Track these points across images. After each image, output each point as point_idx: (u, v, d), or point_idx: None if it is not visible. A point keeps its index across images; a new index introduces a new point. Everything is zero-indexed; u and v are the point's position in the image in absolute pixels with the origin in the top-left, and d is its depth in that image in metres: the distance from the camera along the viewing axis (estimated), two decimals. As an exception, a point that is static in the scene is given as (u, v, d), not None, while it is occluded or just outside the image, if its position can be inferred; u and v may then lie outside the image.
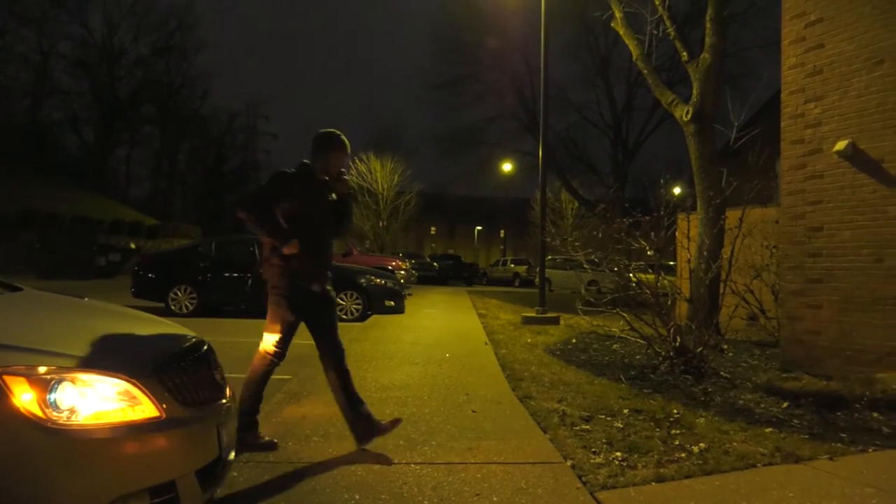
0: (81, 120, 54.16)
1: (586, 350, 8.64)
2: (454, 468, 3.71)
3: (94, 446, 2.18)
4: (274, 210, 3.87)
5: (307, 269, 3.91)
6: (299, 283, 3.90)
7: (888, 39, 6.54)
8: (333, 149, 4.05)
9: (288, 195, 3.88)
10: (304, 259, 3.86)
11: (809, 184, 7.30)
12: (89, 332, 2.60)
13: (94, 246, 26.51)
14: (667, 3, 10.99)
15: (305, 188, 3.93)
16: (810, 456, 4.15)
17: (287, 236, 3.83)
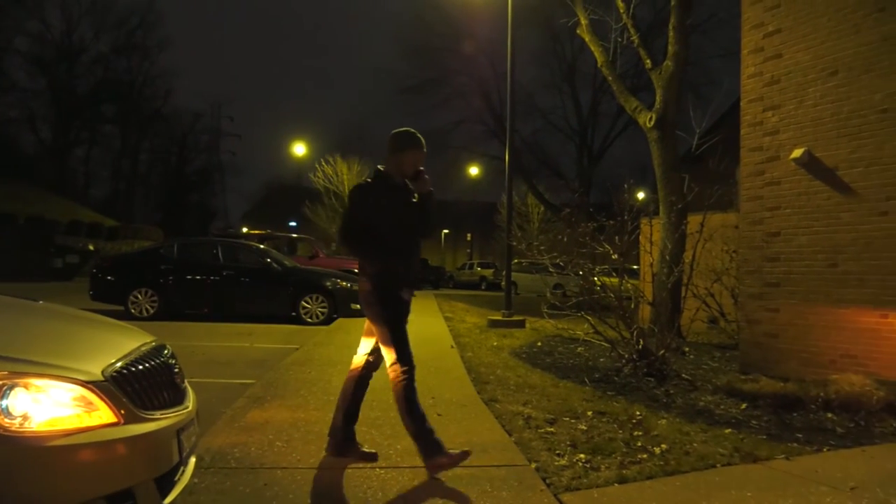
0: (38, 118, 52.79)
1: (551, 353, 8.70)
2: (419, 472, 3.71)
3: (48, 454, 2.12)
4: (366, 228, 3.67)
5: (402, 277, 3.77)
6: (395, 292, 3.74)
7: (842, 51, 6.75)
8: (407, 148, 3.84)
9: (372, 207, 3.67)
10: (400, 267, 3.74)
11: (767, 190, 7.48)
12: (44, 335, 2.52)
13: (51, 247, 25.80)
14: (631, 12, 11.18)
15: (386, 195, 3.73)
16: (767, 456, 4.25)
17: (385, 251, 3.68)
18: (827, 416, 5.42)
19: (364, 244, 3.70)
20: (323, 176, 35.47)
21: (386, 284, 3.70)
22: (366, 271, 3.74)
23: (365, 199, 3.71)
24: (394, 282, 3.71)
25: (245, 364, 7.50)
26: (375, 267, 3.70)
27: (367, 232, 3.66)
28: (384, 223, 3.67)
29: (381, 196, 3.71)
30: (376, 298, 3.71)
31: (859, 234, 6.53)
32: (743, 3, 7.90)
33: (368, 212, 3.67)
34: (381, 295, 3.70)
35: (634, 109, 11.34)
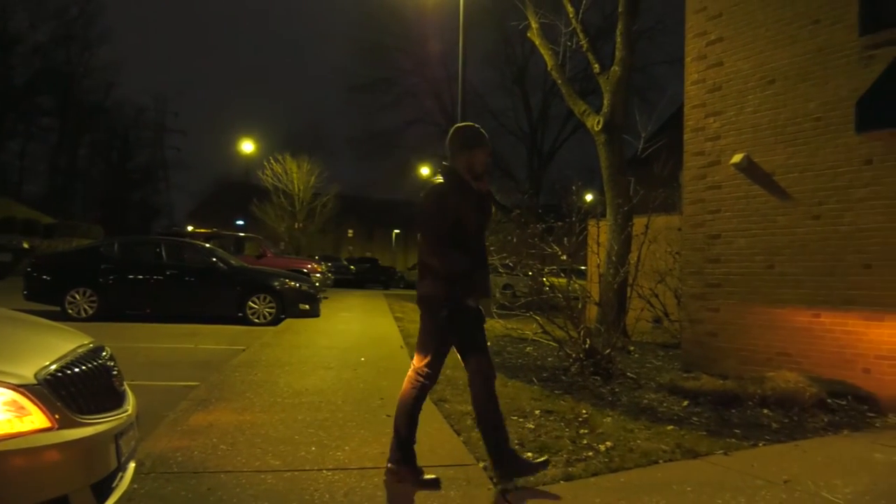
0: (-31, 110, 50.25)
1: (500, 353, 8.77)
2: (367, 473, 3.68)
3: (-25, 461, 2.02)
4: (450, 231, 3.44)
5: (474, 283, 3.51)
6: (463, 301, 3.48)
7: (779, 61, 7.02)
8: (479, 145, 3.61)
9: (454, 208, 3.45)
10: (476, 272, 3.50)
11: (709, 194, 7.72)
12: (-28, 338, 2.40)
13: (-19, 245, 24.64)
14: (580, 17, 11.37)
15: (462, 195, 3.50)
16: (707, 451, 4.39)
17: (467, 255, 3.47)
18: (763, 411, 5.63)
19: (449, 248, 3.45)
20: (272, 174, 34.97)
21: (460, 290, 3.47)
22: (439, 276, 3.47)
23: (447, 200, 3.46)
24: (469, 288, 3.49)
25: (189, 366, 7.32)
26: (454, 272, 3.45)
27: (450, 235, 3.45)
28: (466, 227, 3.49)
29: (459, 196, 3.49)
30: (443, 304, 3.47)
31: (794, 236, 6.80)
32: (687, 12, 8.13)
33: (451, 213, 3.44)
34: (450, 301, 3.47)
35: (583, 113, 11.54)
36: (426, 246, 3.50)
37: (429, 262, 3.50)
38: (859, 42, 6.34)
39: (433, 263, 3.48)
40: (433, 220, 3.47)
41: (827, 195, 6.54)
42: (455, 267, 3.44)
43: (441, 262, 3.45)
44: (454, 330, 3.54)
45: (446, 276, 3.44)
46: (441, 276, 3.45)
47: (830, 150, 6.52)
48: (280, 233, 36.22)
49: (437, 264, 3.46)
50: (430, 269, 3.51)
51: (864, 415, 5.73)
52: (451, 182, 3.53)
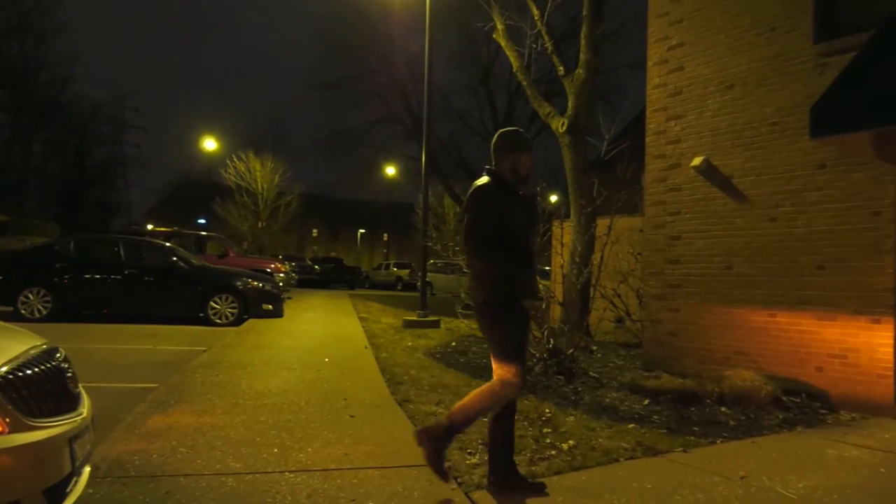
0: (-85, 103, 48.37)
1: (465, 353, 8.79)
2: (330, 475, 3.66)
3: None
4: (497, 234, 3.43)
5: (526, 284, 3.52)
6: (519, 301, 3.49)
7: (738, 66, 7.19)
8: (525, 149, 3.64)
9: (499, 211, 3.45)
10: (523, 273, 3.50)
11: (670, 196, 7.86)
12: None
13: (-71, 243, 23.75)
14: (545, 19, 11.46)
15: (508, 198, 3.51)
16: (667, 449, 4.47)
17: (515, 258, 3.46)
18: (721, 409, 5.75)
19: (496, 251, 3.42)
20: (235, 172, 34.47)
21: (513, 293, 3.47)
22: (488, 280, 3.45)
23: (492, 203, 3.46)
24: (520, 291, 3.49)
25: (148, 367, 7.17)
26: (504, 275, 3.44)
27: (496, 237, 3.43)
28: (511, 228, 3.47)
29: (505, 199, 3.49)
30: (499, 308, 3.46)
31: (751, 238, 6.97)
32: (649, 17, 8.27)
33: (497, 216, 3.43)
34: (506, 304, 3.46)
35: (547, 115, 11.63)
36: (472, 248, 3.46)
37: (475, 265, 3.49)
38: (814, 50, 6.54)
39: (478, 265, 3.47)
40: (477, 221, 3.45)
41: (782, 198, 6.72)
42: (500, 268, 3.43)
43: (485, 263, 3.44)
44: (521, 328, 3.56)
45: (492, 278, 3.43)
46: (491, 278, 3.44)
47: (786, 154, 6.70)
48: (243, 232, 35.73)
49: (481, 266, 3.46)
50: (477, 275, 3.51)
51: (817, 412, 5.90)
52: (495, 184, 3.53)
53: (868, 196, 6.09)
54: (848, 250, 6.20)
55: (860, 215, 6.14)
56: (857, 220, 6.16)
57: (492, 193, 3.49)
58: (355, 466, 3.82)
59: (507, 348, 3.44)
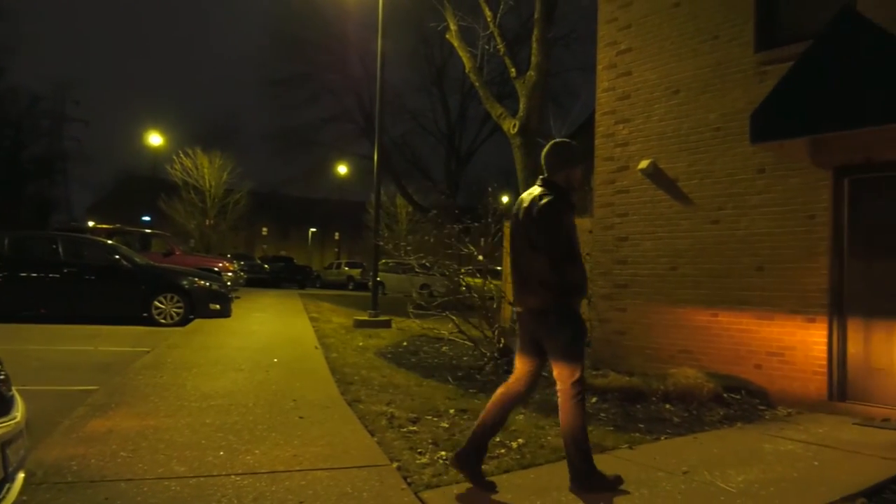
0: None
1: (417, 353, 8.79)
2: (278, 477, 3.60)
3: None
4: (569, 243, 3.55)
5: (585, 290, 3.67)
6: (576, 309, 3.63)
7: (683, 72, 7.38)
8: (580, 161, 3.76)
9: (569, 222, 3.59)
10: (585, 281, 3.65)
11: (618, 197, 8.02)
12: None
13: None
14: (498, 21, 11.56)
15: (571, 210, 3.64)
16: (613, 446, 4.56)
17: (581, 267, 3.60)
18: (666, 406, 5.90)
19: (571, 262, 3.54)
20: (181, 169, 33.66)
21: (577, 300, 3.63)
22: (559, 289, 3.52)
23: (565, 216, 3.57)
24: (580, 298, 3.65)
25: (88, 369, 6.93)
26: (575, 284, 3.55)
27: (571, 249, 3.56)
28: (575, 239, 3.60)
29: (570, 211, 3.63)
30: (566, 314, 3.56)
31: (695, 240, 7.17)
32: (599, 22, 8.42)
33: (568, 229, 3.56)
34: (572, 310, 3.59)
35: (499, 116, 11.74)
36: (549, 261, 3.50)
37: (549, 276, 3.51)
38: (754, 58, 6.77)
39: (555, 278, 3.50)
40: (555, 235, 3.52)
41: (725, 201, 6.93)
42: (576, 279, 3.55)
43: (564, 275, 3.50)
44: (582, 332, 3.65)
45: (564, 286, 3.51)
46: (562, 287, 3.51)
47: (728, 158, 6.92)
48: (190, 230, 34.90)
49: (559, 278, 3.50)
50: (545, 283, 3.53)
51: (756, 408, 6.12)
52: (562, 197, 3.61)
53: (804, 200, 6.34)
54: (785, 252, 6.45)
55: (797, 219, 6.38)
56: (793, 223, 6.41)
57: (564, 207, 3.59)
58: (304, 468, 3.77)
59: (574, 351, 3.57)
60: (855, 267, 6.14)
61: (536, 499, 3.45)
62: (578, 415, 3.55)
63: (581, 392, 3.56)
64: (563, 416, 3.58)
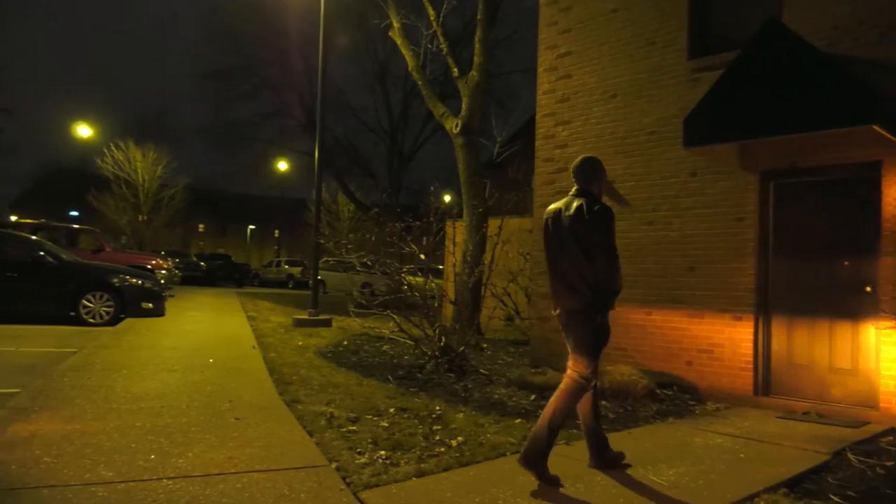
0: None
1: (357, 352, 8.73)
2: (212, 480, 3.51)
3: None
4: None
5: (620, 288, 3.92)
6: (610, 310, 3.90)
7: (620, 77, 7.57)
8: (605, 174, 4.27)
9: (615, 230, 3.95)
10: (620, 278, 3.88)
11: (558, 198, 8.09)
12: None
13: None
14: (441, 20, 11.59)
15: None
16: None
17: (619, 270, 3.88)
18: (602, 403, 6.03)
19: (618, 265, 3.85)
20: (113, 162, 32.42)
21: (613, 300, 3.90)
22: (601, 290, 3.82)
23: (613, 223, 3.91)
24: (616, 297, 3.92)
25: (9, 371, 6.59)
26: (616, 286, 3.85)
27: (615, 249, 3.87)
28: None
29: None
30: (599, 315, 3.85)
31: (631, 240, 7.37)
32: (540, 24, 8.55)
33: (614, 235, 3.91)
34: (605, 311, 3.87)
35: (442, 115, 11.77)
36: (604, 263, 3.80)
37: (596, 276, 3.81)
38: (688, 65, 7.00)
39: (602, 277, 3.80)
40: (608, 239, 3.84)
41: (659, 203, 7.15)
42: (619, 277, 3.86)
43: (615, 278, 3.82)
44: (607, 331, 3.92)
45: (607, 288, 3.83)
46: (605, 289, 3.82)
47: (663, 162, 7.14)
48: (122, 226, 33.65)
49: (606, 277, 3.80)
50: (591, 283, 3.81)
51: (687, 403, 6.34)
52: (605, 204, 3.95)
53: (733, 203, 6.60)
54: (715, 253, 6.70)
55: (726, 220, 6.64)
56: (723, 225, 6.66)
57: (612, 213, 3.92)
58: (240, 470, 3.69)
59: (595, 348, 3.88)
60: (779, 267, 6.43)
61: (475, 496, 3.47)
62: (570, 402, 3.87)
63: (587, 384, 3.90)
64: (558, 396, 3.86)
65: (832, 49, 5.94)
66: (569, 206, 3.96)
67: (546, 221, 4.12)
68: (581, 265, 3.85)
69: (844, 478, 4.13)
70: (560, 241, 3.99)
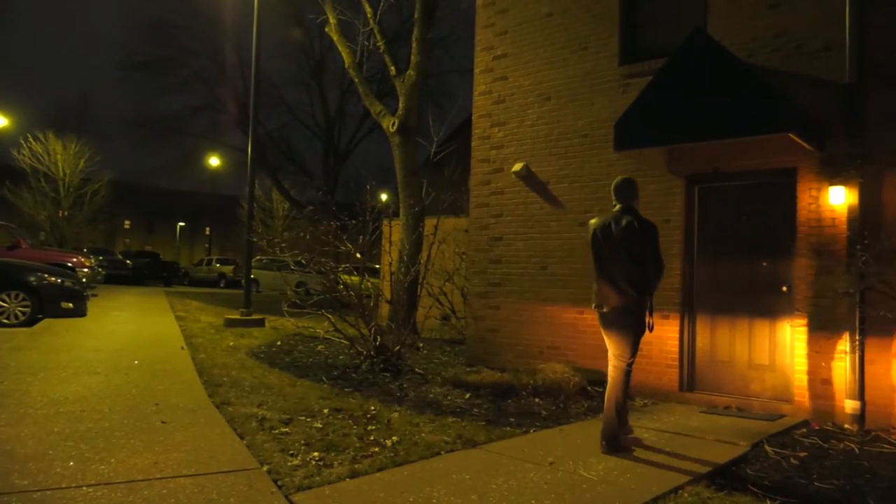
0: None
1: (291, 352, 8.59)
2: (135, 486, 3.39)
3: None
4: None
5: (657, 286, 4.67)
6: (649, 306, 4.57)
7: (554, 80, 7.72)
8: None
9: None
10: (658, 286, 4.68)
11: (493, 198, 8.25)
12: None
13: None
14: (378, 18, 11.52)
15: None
16: (485, 440, 4.69)
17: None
18: (535, 400, 6.15)
19: (660, 265, 4.62)
20: (30, 154, 30.73)
21: (649, 302, 4.56)
22: (646, 293, 4.53)
23: (658, 235, 4.62)
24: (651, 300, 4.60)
25: (-89, 376, 6.16)
26: (656, 282, 4.60)
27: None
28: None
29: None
30: (641, 314, 4.54)
31: (564, 241, 7.53)
32: (477, 26, 8.62)
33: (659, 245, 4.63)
34: (643, 311, 4.53)
35: (379, 113, 11.71)
36: (653, 268, 4.53)
37: (640, 278, 4.50)
38: (619, 71, 7.20)
39: (645, 279, 4.51)
40: (657, 250, 4.58)
41: (592, 204, 7.32)
42: (659, 278, 4.63)
43: (658, 282, 4.62)
44: (644, 327, 4.58)
45: (649, 292, 4.55)
46: (648, 293, 4.54)
47: (595, 164, 7.32)
48: (40, 221, 31.92)
49: (654, 284, 4.58)
50: (635, 284, 4.49)
51: (616, 399, 6.50)
52: (650, 220, 4.66)
53: (661, 205, 6.83)
54: (644, 253, 6.90)
55: (654, 222, 6.85)
56: (651, 226, 6.87)
57: (657, 229, 4.64)
58: (165, 476, 3.57)
59: (635, 344, 4.58)
60: (703, 268, 6.70)
61: (409, 496, 3.47)
62: (623, 387, 4.58)
63: (630, 371, 4.61)
64: (611, 386, 4.59)
65: (752, 60, 6.23)
66: (619, 221, 4.60)
67: (595, 232, 4.72)
68: (630, 270, 4.50)
69: (762, 469, 4.34)
70: (609, 250, 4.61)
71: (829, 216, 5.87)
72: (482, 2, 8.57)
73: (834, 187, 5.80)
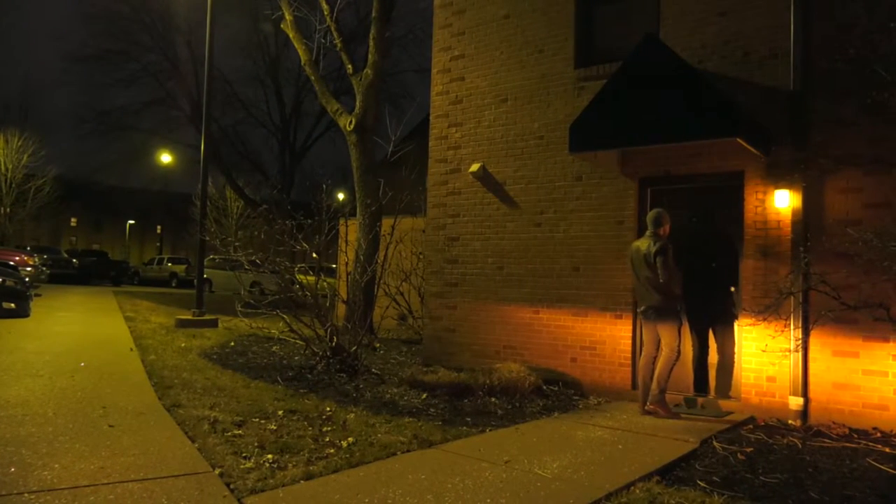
0: None
1: (245, 353, 8.45)
2: (81, 492, 3.28)
3: None
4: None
5: (680, 294, 5.99)
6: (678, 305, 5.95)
7: (511, 82, 7.78)
8: (669, 221, 6.00)
9: (672, 257, 5.85)
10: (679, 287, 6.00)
11: (450, 199, 8.27)
12: None
13: None
14: (335, 15, 11.43)
15: (672, 250, 5.86)
16: (441, 440, 4.69)
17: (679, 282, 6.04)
18: (491, 400, 6.19)
19: (676, 278, 5.94)
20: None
21: (679, 301, 5.94)
22: (673, 295, 5.85)
23: (671, 253, 5.81)
24: (679, 299, 5.97)
25: None
26: (678, 291, 5.93)
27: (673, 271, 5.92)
28: (675, 265, 5.91)
29: (672, 250, 5.86)
30: (675, 310, 5.88)
31: (520, 241, 7.59)
32: (434, 26, 8.63)
33: (672, 259, 5.82)
34: (674, 307, 5.87)
35: (336, 112, 11.61)
36: (668, 277, 5.72)
37: (670, 287, 5.80)
38: (574, 74, 7.30)
39: (665, 288, 5.78)
40: (670, 263, 5.77)
41: (547, 205, 7.41)
42: (677, 288, 5.93)
43: (671, 287, 5.81)
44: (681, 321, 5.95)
45: (672, 293, 5.84)
46: (672, 293, 5.84)
47: (550, 165, 7.41)
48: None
49: (669, 288, 5.80)
50: (659, 290, 5.81)
51: (571, 398, 6.61)
52: (668, 243, 5.85)
53: (614, 207, 6.95)
54: (598, 254, 7.03)
55: (608, 223, 6.99)
56: (605, 227, 7.00)
57: (670, 249, 5.82)
58: (113, 481, 3.47)
59: (676, 331, 5.82)
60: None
61: (364, 497, 3.46)
62: (670, 367, 5.81)
63: (678, 355, 5.82)
64: (661, 364, 5.82)
65: (702, 65, 6.39)
66: (648, 244, 5.86)
67: (636, 250, 5.99)
68: (651, 279, 5.82)
69: (710, 464, 4.46)
70: (641, 264, 5.89)
71: (774, 219, 6.07)
72: (440, 2, 8.58)
73: (779, 191, 5.99)
